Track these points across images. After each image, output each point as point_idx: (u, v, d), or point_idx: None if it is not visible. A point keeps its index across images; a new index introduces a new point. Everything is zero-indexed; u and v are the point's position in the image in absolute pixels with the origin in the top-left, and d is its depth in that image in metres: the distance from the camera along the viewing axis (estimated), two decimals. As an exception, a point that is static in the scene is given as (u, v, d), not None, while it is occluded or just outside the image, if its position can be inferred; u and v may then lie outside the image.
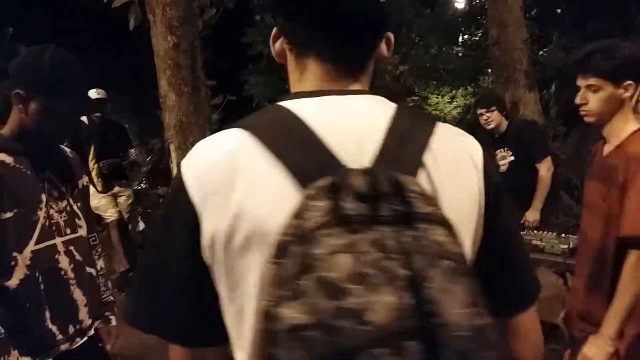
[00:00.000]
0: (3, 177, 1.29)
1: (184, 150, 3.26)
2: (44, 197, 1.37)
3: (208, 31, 4.41)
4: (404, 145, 0.59)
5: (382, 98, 0.66)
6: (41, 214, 1.36)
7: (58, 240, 1.40)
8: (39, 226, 1.35)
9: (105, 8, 3.86)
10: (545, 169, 3.51)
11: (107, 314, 1.62)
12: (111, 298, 1.66)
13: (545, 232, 2.93)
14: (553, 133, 5.66)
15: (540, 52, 8.56)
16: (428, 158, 0.60)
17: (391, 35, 0.69)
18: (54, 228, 1.39)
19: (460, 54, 9.69)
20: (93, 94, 4.70)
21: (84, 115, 4.67)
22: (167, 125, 3.36)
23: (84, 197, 1.57)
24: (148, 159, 7.32)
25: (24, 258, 1.31)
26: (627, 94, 1.54)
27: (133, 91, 10.09)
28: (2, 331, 1.28)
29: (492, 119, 3.52)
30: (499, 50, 5.33)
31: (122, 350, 3.41)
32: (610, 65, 1.52)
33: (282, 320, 0.43)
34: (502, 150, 3.63)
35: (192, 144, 2.86)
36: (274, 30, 0.68)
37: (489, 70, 8.23)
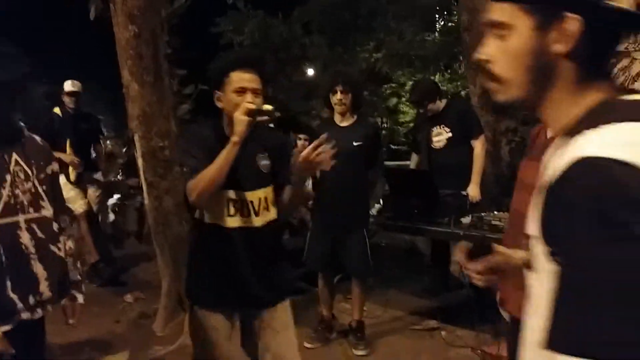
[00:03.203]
0: None
1: (148, 140, 3.26)
2: (8, 177, 1.53)
3: (177, 20, 4.36)
4: None
5: None
6: (4, 192, 1.51)
7: (21, 218, 1.56)
8: (1, 203, 1.50)
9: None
10: (480, 146, 3.66)
11: (73, 291, 1.77)
12: (78, 277, 1.80)
13: (504, 213, 3.01)
14: (522, 118, 5.75)
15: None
16: None
17: None
18: (18, 206, 1.54)
19: (435, 40, 9.71)
20: (68, 86, 4.65)
21: (54, 106, 4.64)
22: (131, 115, 3.34)
23: (53, 182, 1.72)
24: (124, 150, 7.28)
25: None
26: None
27: (109, 83, 9.94)
28: None
29: (429, 109, 3.79)
30: (470, 36, 5.32)
31: (92, 337, 3.46)
32: None
33: None
34: (438, 127, 3.79)
35: (157, 134, 2.88)
36: None
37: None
